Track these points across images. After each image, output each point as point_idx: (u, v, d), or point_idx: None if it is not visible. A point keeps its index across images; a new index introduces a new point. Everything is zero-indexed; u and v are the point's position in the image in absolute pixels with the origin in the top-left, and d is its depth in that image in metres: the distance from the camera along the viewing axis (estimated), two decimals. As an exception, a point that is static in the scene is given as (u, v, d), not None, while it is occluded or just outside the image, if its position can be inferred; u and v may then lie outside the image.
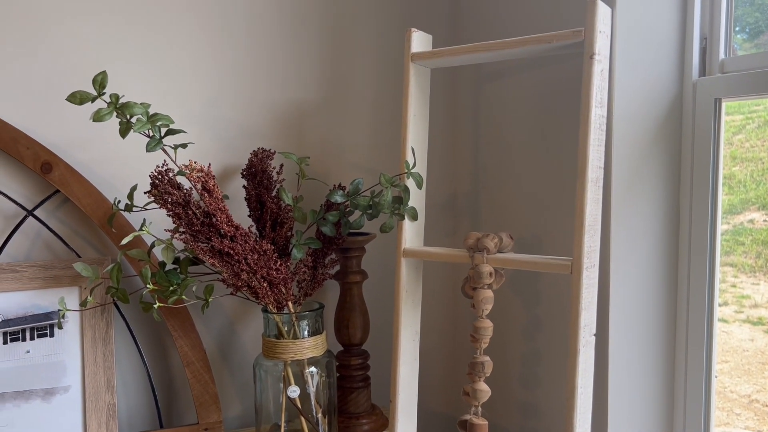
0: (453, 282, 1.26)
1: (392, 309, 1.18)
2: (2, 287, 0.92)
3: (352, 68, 1.16)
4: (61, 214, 1.00)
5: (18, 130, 0.95)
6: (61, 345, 0.94)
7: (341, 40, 1.15)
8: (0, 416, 0.90)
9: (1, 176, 0.96)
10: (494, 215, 1.14)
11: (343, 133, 1.16)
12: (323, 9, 1.13)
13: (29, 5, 0.96)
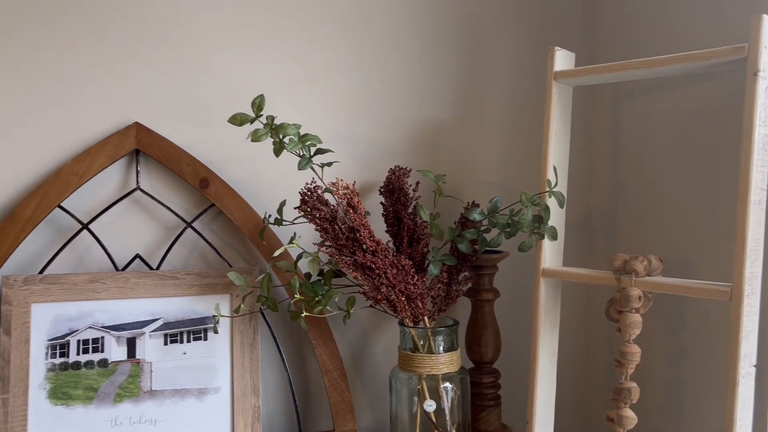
0: (585, 303, 1.23)
1: (523, 328, 1.17)
2: (165, 293, 1.01)
3: (486, 86, 1.17)
4: (215, 226, 1.09)
5: (181, 149, 1.04)
6: (213, 348, 1.01)
7: (477, 58, 1.16)
8: (160, 411, 0.98)
9: (165, 191, 1.06)
10: (634, 235, 1.10)
11: (476, 151, 1.17)
12: (460, 28, 1.15)
13: (194, 39, 1.05)
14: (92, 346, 0.98)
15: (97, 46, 1.02)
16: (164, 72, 1.05)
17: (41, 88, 1.01)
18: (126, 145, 1.02)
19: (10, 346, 0.95)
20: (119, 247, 1.05)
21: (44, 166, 1.02)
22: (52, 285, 0.98)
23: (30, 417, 0.94)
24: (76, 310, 0.98)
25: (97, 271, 1.04)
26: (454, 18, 1.15)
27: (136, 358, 0.99)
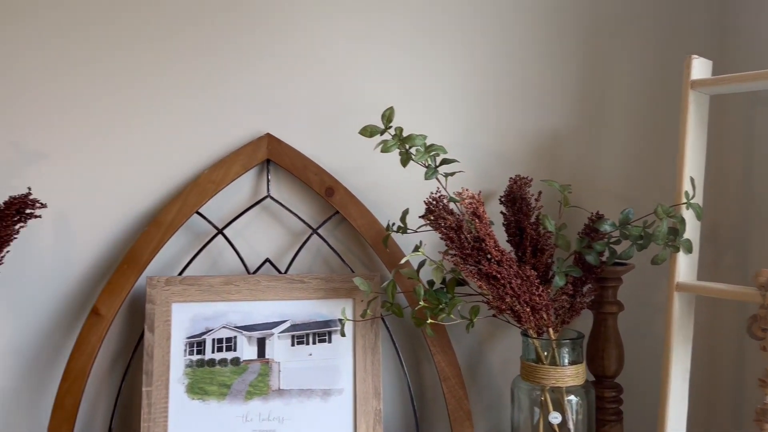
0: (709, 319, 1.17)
1: (647, 343, 1.14)
2: (292, 295, 1.06)
3: (608, 94, 1.15)
4: (338, 232, 1.12)
5: (308, 159, 1.08)
6: (337, 351, 1.05)
7: (598, 66, 1.15)
8: (287, 409, 1.03)
9: (293, 198, 1.11)
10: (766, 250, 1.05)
11: (597, 160, 1.15)
12: (580, 34, 1.14)
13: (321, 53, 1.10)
14: (226, 344, 1.04)
15: (232, 61, 1.09)
16: (294, 85, 1.10)
17: (182, 102, 1.08)
18: (258, 155, 1.07)
19: (154, 342, 1.02)
20: (249, 251, 1.10)
21: (184, 175, 1.09)
22: (191, 286, 1.05)
23: (170, 409, 1.01)
24: (211, 310, 1.05)
25: (229, 273, 1.10)
26: (574, 26, 1.14)
27: (265, 358, 1.04)
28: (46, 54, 1.05)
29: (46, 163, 1.06)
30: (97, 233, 1.08)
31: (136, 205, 1.08)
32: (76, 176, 1.07)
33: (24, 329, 1.07)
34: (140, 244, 1.04)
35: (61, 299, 1.08)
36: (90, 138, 1.07)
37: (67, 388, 1.01)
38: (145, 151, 1.08)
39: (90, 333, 1.02)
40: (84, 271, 1.08)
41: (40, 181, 1.05)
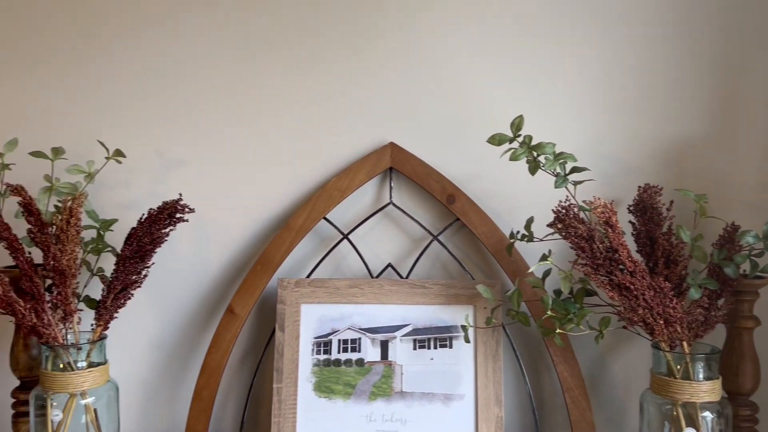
0: None
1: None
2: (414, 300, 1.08)
3: (743, 100, 1.10)
4: (456, 239, 1.14)
5: (430, 167, 1.10)
6: (458, 356, 1.06)
7: (731, 70, 1.10)
8: (409, 412, 1.05)
9: (414, 205, 1.13)
10: None
11: (730, 169, 1.10)
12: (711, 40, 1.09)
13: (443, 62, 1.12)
14: (351, 345, 1.08)
15: (358, 72, 1.12)
16: (417, 95, 1.12)
17: (310, 113, 1.13)
18: (382, 164, 1.11)
19: (284, 341, 1.07)
20: (372, 256, 1.14)
21: (312, 182, 1.14)
22: (318, 288, 1.09)
23: (299, 406, 1.06)
24: (338, 312, 1.09)
25: (352, 277, 1.14)
26: (704, 31, 1.09)
27: (388, 360, 1.07)
28: (186, 72, 1.13)
29: (186, 170, 1.14)
30: (232, 236, 1.14)
31: (267, 209, 1.14)
32: (213, 183, 1.14)
33: (164, 325, 1.16)
34: (272, 247, 1.09)
35: (198, 298, 1.15)
36: (226, 147, 1.14)
37: (205, 381, 1.08)
38: (276, 159, 1.14)
39: (225, 330, 1.09)
40: (219, 272, 1.15)
41: (180, 187, 1.13)
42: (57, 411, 0.94)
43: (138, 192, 1.14)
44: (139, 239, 0.97)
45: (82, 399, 0.96)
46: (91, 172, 1.02)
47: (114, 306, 0.98)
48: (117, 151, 1.03)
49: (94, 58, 1.13)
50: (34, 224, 0.94)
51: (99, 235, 1.04)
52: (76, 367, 0.95)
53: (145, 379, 1.16)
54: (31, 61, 1.14)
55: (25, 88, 1.14)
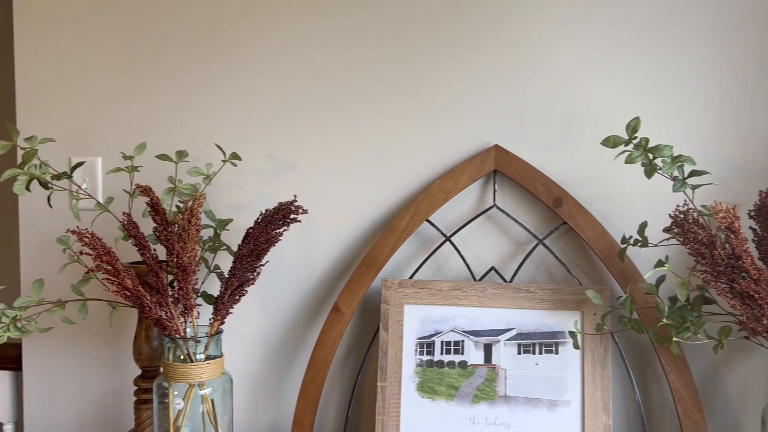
0: None
1: None
2: (518, 304, 1.08)
3: None
4: (562, 243, 1.12)
5: (536, 169, 1.09)
6: (564, 362, 1.05)
7: None
8: (513, 416, 1.05)
9: (518, 208, 1.13)
10: None
11: None
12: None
13: (549, 64, 1.10)
14: (453, 347, 1.08)
15: (461, 75, 1.13)
16: (522, 96, 1.11)
17: (414, 116, 1.14)
18: (486, 166, 1.11)
19: (388, 340, 1.09)
20: (474, 258, 1.14)
21: (414, 184, 1.15)
22: (421, 289, 1.10)
23: (402, 405, 1.07)
24: (440, 313, 1.09)
25: (453, 279, 1.14)
26: (835, 23, 1.03)
27: (492, 364, 1.07)
28: (295, 81, 1.17)
29: (294, 174, 1.18)
30: (337, 237, 1.18)
31: (371, 211, 1.17)
32: (319, 186, 1.18)
33: (272, 322, 1.20)
34: (376, 248, 1.12)
35: (304, 296, 1.19)
36: (332, 151, 1.17)
37: (312, 377, 1.12)
38: (380, 162, 1.16)
39: (331, 328, 1.12)
40: (324, 271, 1.18)
41: (288, 189, 1.17)
42: (179, 400, 1.00)
43: (249, 194, 1.19)
44: (255, 238, 1.01)
45: (200, 390, 1.01)
46: (209, 174, 1.07)
47: (230, 302, 1.03)
48: (233, 155, 1.08)
49: (214, 69, 1.19)
50: (160, 223, 1.00)
51: (216, 234, 1.10)
52: (195, 359, 1.01)
53: (253, 372, 1.21)
54: (156, 72, 1.21)
55: (150, 96, 1.21)
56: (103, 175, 1.22)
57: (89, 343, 1.24)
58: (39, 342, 1.26)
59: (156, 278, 0.99)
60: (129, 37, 1.22)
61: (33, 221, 1.26)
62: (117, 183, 1.21)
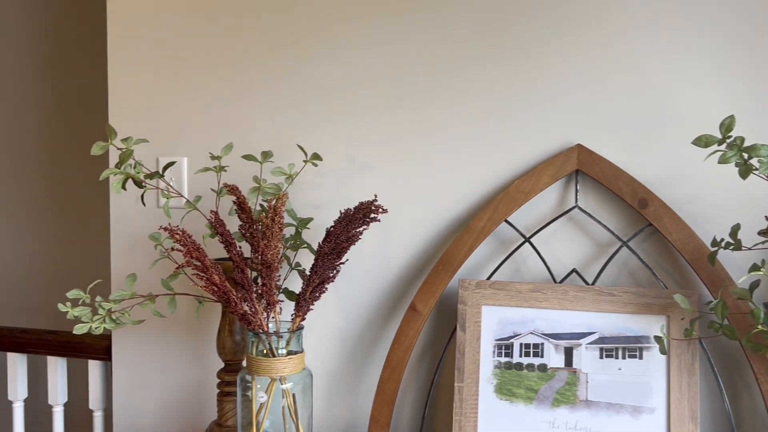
0: None
1: None
2: (601, 308, 1.05)
3: None
4: (646, 246, 1.09)
5: (620, 169, 1.06)
6: (648, 368, 1.02)
7: None
8: (595, 422, 1.03)
9: (601, 209, 1.10)
10: None
11: None
12: None
13: (634, 62, 1.07)
14: (533, 350, 1.07)
15: (541, 72, 1.11)
16: (606, 95, 1.09)
17: (490, 115, 1.14)
18: (568, 166, 1.09)
19: (465, 341, 1.09)
20: (554, 260, 1.12)
21: (492, 184, 1.14)
22: (499, 291, 1.09)
23: (480, 406, 1.07)
24: (519, 315, 1.08)
25: (531, 280, 1.13)
26: None
27: (572, 367, 1.05)
28: (373, 82, 1.18)
29: (372, 174, 1.19)
30: (413, 236, 1.18)
31: (448, 211, 1.16)
32: (396, 185, 1.18)
33: (349, 320, 1.22)
34: (453, 248, 1.11)
35: (380, 295, 1.20)
36: (410, 151, 1.17)
37: (388, 375, 1.13)
38: (458, 161, 1.15)
39: (408, 327, 1.13)
40: (400, 270, 1.19)
41: (366, 189, 1.19)
42: (261, 393, 1.03)
43: (328, 193, 1.21)
44: (336, 237, 1.03)
45: (282, 384, 1.04)
46: (291, 174, 1.10)
47: (311, 298, 1.05)
48: (314, 155, 1.11)
49: (297, 73, 1.22)
50: (246, 221, 1.03)
51: (297, 233, 1.12)
52: (277, 353, 1.04)
53: (330, 369, 1.23)
54: (240, 75, 1.25)
55: (235, 98, 1.25)
56: (189, 175, 1.27)
57: (175, 336, 1.29)
58: (128, 334, 1.32)
59: (242, 274, 1.02)
60: (214, 40, 1.26)
61: (123, 219, 1.32)
62: (200, 183, 1.26)
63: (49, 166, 1.88)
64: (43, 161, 1.88)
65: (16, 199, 1.89)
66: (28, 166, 1.88)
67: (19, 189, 1.89)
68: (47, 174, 1.88)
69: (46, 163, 1.88)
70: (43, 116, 1.87)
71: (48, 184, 1.88)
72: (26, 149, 1.87)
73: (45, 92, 1.86)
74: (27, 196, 1.88)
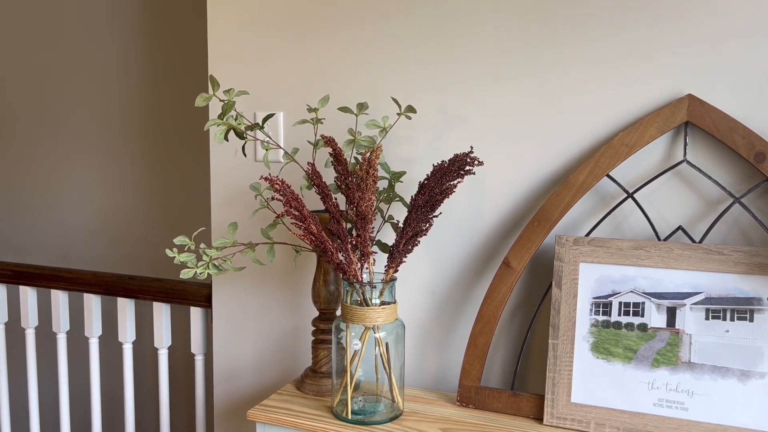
0: None
1: None
2: (708, 267, 1.00)
3: None
4: (761, 203, 1.02)
5: (735, 121, 0.99)
6: (759, 331, 0.96)
7: None
8: (698, 384, 0.98)
9: (712, 164, 1.04)
10: None
11: None
12: None
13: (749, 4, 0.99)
14: (632, 309, 1.03)
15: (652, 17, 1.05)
16: (718, 42, 1.01)
17: (592, 64, 1.08)
18: (677, 118, 1.03)
19: (561, 298, 1.07)
20: (658, 217, 1.07)
21: (592, 137, 1.10)
22: (599, 248, 1.06)
23: (575, 364, 1.05)
24: (619, 273, 1.05)
25: (633, 238, 1.09)
26: None
27: (675, 328, 1.01)
28: (470, 33, 1.15)
29: (466, 127, 1.17)
30: (508, 191, 1.16)
31: (546, 165, 1.13)
32: (491, 138, 1.16)
33: (439, 274, 1.22)
34: (551, 204, 1.08)
35: (472, 250, 1.19)
36: (506, 103, 1.14)
37: (480, 329, 1.12)
38: (558, 113, 1.11)
39: (501, 282, 1.11)
40: (494, 226, 1.17)
41: (459, 143, 1.17)
42: (356, 341, 1.05)
43: (420, 147, 1.20)
44: (430, 189, 1.03)
45: (375, 333, 1.06)
46: (385, 127, 1.10)
47: (404, 251, 1.05)
48: (408, 107, 1.10)
49: (392, 26, 1.21)
50: (341, 173, 1.05)
51: (390, 185, 1.12)
52: (371, 303, 1.05)
53: (421, 322, 1.24)
54: (336, 26, 1.25)
55: (331, 49, 1.26)
56: (286, 129, 1.29)
57: (271, 286, 1.34)
58: (227, 283, 1.38)
59: (337, 225, 1.04)
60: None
61: (222, 173, 1.37)
62: (296, 137, 1.28)
63: (150, 120, 1.96)
64: (143, 115, 1.97)
65: (121, 153, 1.99)
66: (132, 120, 1.97)
67: (122, 144, 1.99)
68: (149, 130, 1.97)
69: (147, 117, 1.97)
70: (144, 70, 1.95)
71: (150, 139, 1.97)
72: (128, 103, 1.97)
73: (145, 46, 1.94)
74: (130, 151, 1.98)
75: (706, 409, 0.98)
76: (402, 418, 1.07)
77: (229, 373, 1.40)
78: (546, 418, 1.05)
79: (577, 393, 1.04)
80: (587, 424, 1.03)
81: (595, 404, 1.03)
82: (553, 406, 1.05)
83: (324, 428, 1.05)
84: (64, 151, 2.05)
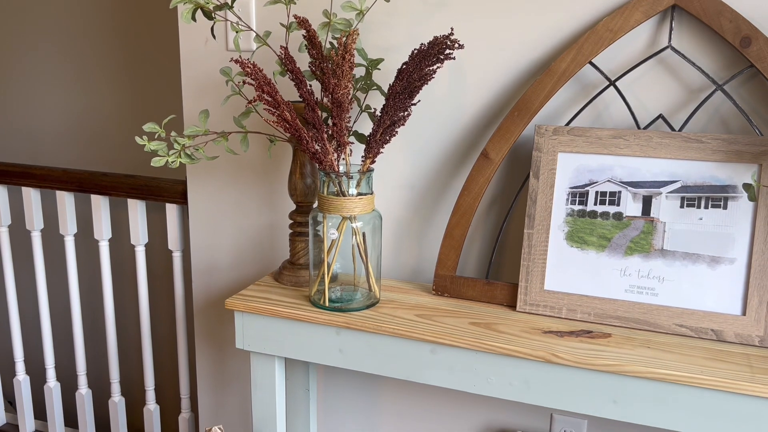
0: None
1: None
2: (686, 155, 0.99)
3: None
4: (744, 91, 1.00)
5: (723, 4, 0.96)
6: (732, 218, 0.97)
7: None
8: (669, 270, 1.00)
9: (696, 51, 1.01)
10: None
11: None
12: None
13: None
14: (609, 198, 1.04)
15: None
16: None
17: (582, -56, 1.03)
18: (664, 1, 0.99)
19: (538, 188, 1.06)
20: (639, 106, 1.05)
21: (577, 23, 1.06)
22: (578, 137, 1.05)
23: (549, 253, 1.06)
24: (596, 162, 1.04)
25: (614, 127, 1.07)
26: None
27: (650, 216, 1.01)
28: None
29: (446, 12, 1.12)
30: (489, 80, 1.13)
31: (528, 52, 1.10)
32: (472, 25, 1.11)
33: (417, 167, 1.20)
34: (531, 92, 1.06)
35: (451, 142, 1.17)
36: (488, -14, 1.10)
37: (456, 221, 1.12)
38: None
39: (479, 174, 1.10)
40: (474, 117, 1.15)
41: (439, 29, 1.12)
42: (333, 230, 1.05)
43: (399, 34, 1.15)
44: (408, 75, 0.99)
45: (352, 222, 1.05)
46: (362, 10, 1.05)
47: (381, 141, 1.03)
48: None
49: None
50: (316, 57, 1.00)
51: (367, 73, 1.09)
52: (348, 194, 1.04)
53: (398, 216, 1.24)
54: None
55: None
56: (257, 10, 1.22)
57: (247, 181, 1.32)
58: (202, 178, 1.36)
59: (312, 113, 1.01)
60: None
61: (192, 61, 1.31)
62: (269, 20, 1.22)
63: (119, 16, 1.87)
64: (112, 11, 1.87)
65: (90, 51, 1.91)
66: (101, 17, 1.87)
67: (91, 42, 1.90)
68: (117, 25, 1.87)
69: (115, 13, 1.87)
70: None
71: (119, 37, 1.88)
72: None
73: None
74: (100, 49, 1.89)
75: (674, 294, 1.00)
76: (378, 306, 1.09)
77: (207, 268, 1.41)
78: (519, 305, 1.07)
79: (551, 281, 1.06)
80: (559, 310, 1.05)
81: (568, 291, 1.05)
82: (526, 293, 1.07)
83: (302, 315, 1.07)
84: (33, 53, 1.96)
